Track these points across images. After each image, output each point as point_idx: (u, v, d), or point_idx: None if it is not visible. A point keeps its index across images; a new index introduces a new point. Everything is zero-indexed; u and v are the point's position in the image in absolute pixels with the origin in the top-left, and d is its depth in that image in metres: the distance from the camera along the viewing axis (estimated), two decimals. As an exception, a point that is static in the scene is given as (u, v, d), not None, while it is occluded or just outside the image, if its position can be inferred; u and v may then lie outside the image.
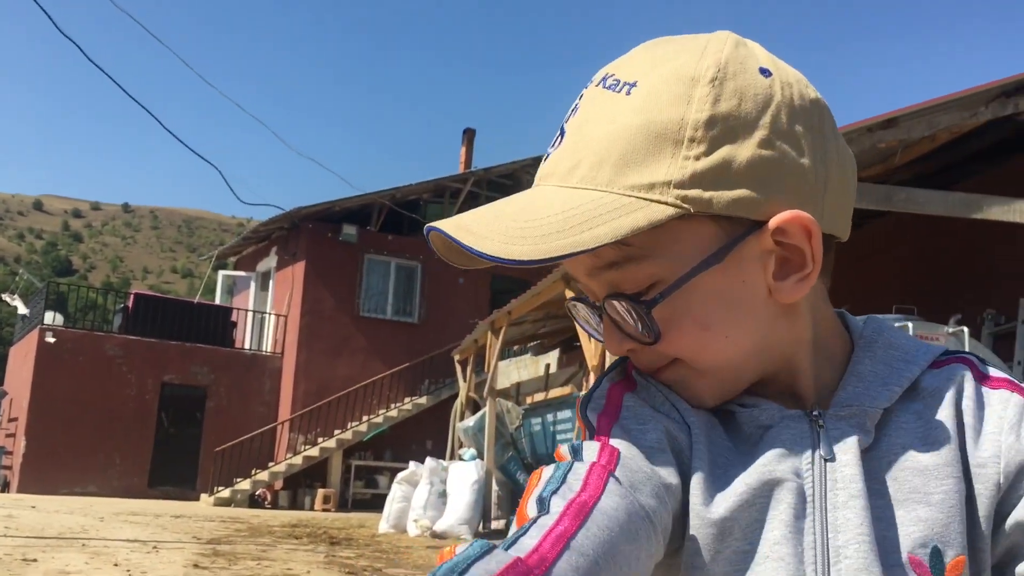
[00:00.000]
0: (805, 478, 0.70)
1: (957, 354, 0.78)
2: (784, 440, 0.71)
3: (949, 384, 0.74)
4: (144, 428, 20.72)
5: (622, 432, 0.69)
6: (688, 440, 0.72)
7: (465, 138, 26.58)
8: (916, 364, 0.75)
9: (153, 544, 9.69)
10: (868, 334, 0.78)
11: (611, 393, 0.74)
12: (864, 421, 0.72)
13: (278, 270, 23.17)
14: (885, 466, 0.71)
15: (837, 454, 0.70)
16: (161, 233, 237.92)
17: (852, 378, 0.74)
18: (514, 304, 13.55)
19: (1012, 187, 7.70)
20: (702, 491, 0.70)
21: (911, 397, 0.74)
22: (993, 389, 0.74)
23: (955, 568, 0.68)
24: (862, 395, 0.73)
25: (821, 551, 0.68)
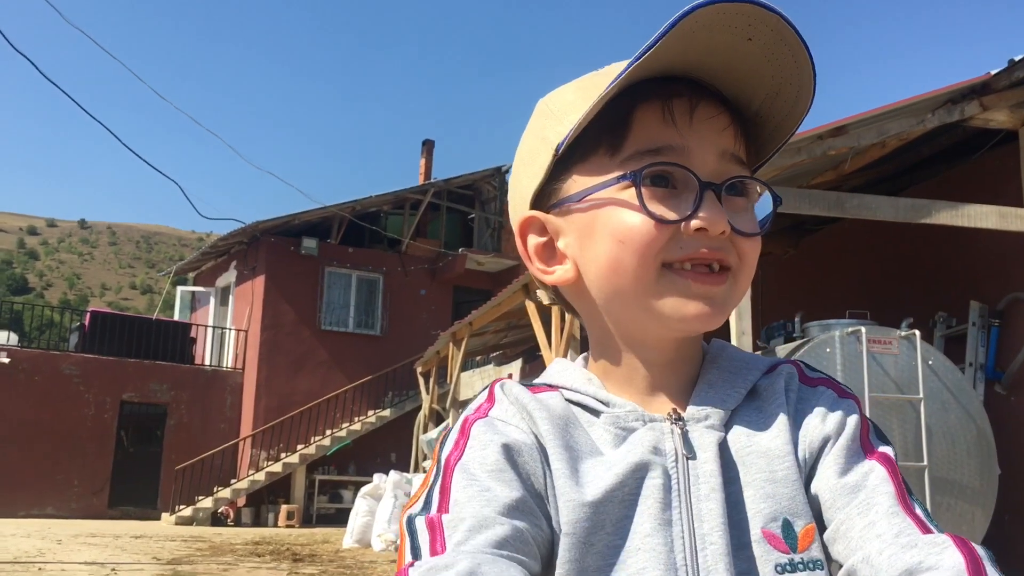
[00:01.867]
0: (671, 475, 0.77)
1: (786, 361, 0.88)
2: (648, 441, 0.78)
3: (779, 381, 0.84)
4: (103, 448, 20.37)
5: (463, 472, 0.75)
6: (536, 444, 0.78)
7: (424, 149, 26.56)
8: (756, 370, 0.85)
9: (112, 566, 9.54)
10: (713, 349, 0.88)
11: (464, 426, 0.80)
12: (716, 422, 0.80)
13: (238, 285, 22.95)
14: (734, 455, 0.79)
15: (697, 452, 0.78)
16: (119, 249, 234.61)
17: (703, 386, 0.83)
18: (475, 315, 13.54)
19: (960, 191, 7.86)
20: (568, 480, 0.76)
21: (751, 398, 0.84)
22: (812, 387, 0.85)
23: (807, 536, 0.76)
24: (713, 399, 0.82)
25: (689, 540, 0.75)
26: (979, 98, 7.44)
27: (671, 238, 0.77)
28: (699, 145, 0.77)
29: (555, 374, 0.88)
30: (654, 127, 0.78)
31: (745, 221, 0.79)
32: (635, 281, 0.79)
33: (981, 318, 8.02)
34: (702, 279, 0.78)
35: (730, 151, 0.79)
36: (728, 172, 0.78)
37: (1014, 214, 7.32)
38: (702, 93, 0.79)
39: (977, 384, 7.79)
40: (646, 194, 0.77)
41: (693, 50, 0.74)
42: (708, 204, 0.76)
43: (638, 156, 0.78)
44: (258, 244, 21.90)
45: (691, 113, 0.78)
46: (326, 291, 22.26)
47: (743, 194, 0.80)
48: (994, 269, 8.01)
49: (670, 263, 0.78)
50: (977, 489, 6.81)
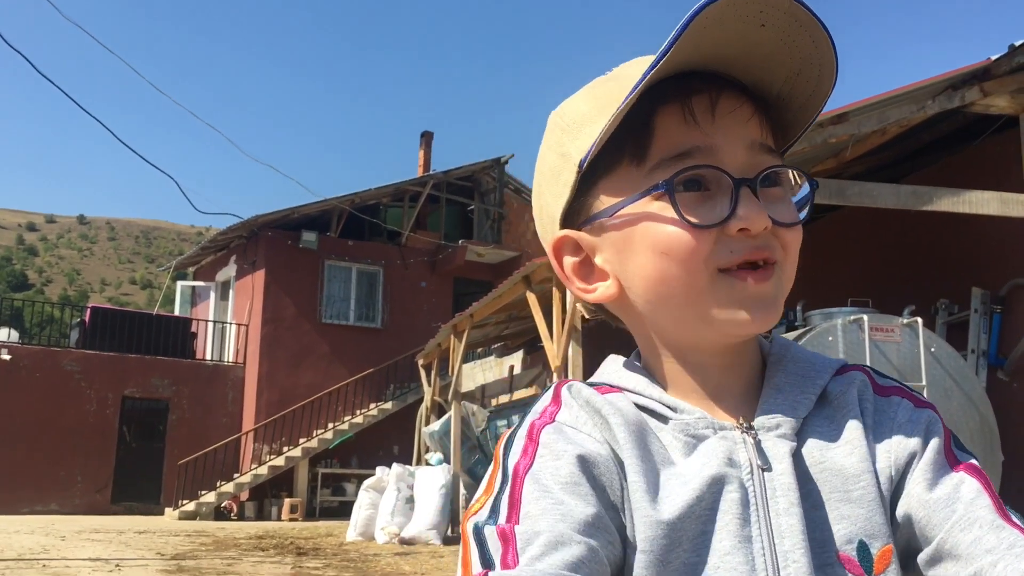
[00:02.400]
0: (748, 488, 0.74)
1: (855, 365, 0.84)
2: (722, 451, 0.75)
3: (851, 389, 0.80)
4: (105, 443, 20.39)
5: (534, 482, 0.72)
6: (611, 455, 0.74)
7: (423, 141, 26.51)
8: (824, 374, 0.81)
9: (116, 562, 9.54)
10: (776, 350, 0.83)
11: (531, 432, 0.76)
12: (788, 431, 0.76)
13: (238, 279, 22.93)
14: (808, 470, 0.76)
15: (772, 464, 0.75)
16: (118, 244, 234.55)
17: (771, 391, 0.79)
18: (476, 307, 13.53)
19: (961, 177, 7.84)
20: (645, 495, 0.72)
21: (821, 405, 0.80)
22: (886, 396, 0.81)
23: (883, 558, 0.73)
24: (783, 406, 0.78)
25: (770, 557, 0.72)
26: (980, 84, 7.42)
27: (716, 242, 0.74)
28: (726, 141, 0.75)
29: (614, 374, 0.84)
30: (677, 130, 0.75)
31: (784, 211, 0.76)
32: (687, 290, 0.76)
33: (983, 305, 8.00)
34: (757, 278, 0.74)
35: (758, 141, 0.76)
36: (760, 164, 0.75)
37: (1015, 200, 7.30)
38: (721, 85, 0.76)
39: (980, 371, 7.78)
40: (681, 202, 0.74)
41: (706, 44, 0.72)
42: (745, 202, 0.73)
43: (665, 163, 0.75)
44: (257, 238, 21.87)
45: (712, 109, 0.75)
46: (326, 284, 22.24)
47: (778, 183, 0.77)
48: (995, 255, 7.99)
49: (725, 268, 0.74)
50: (981, 476, 6.80)
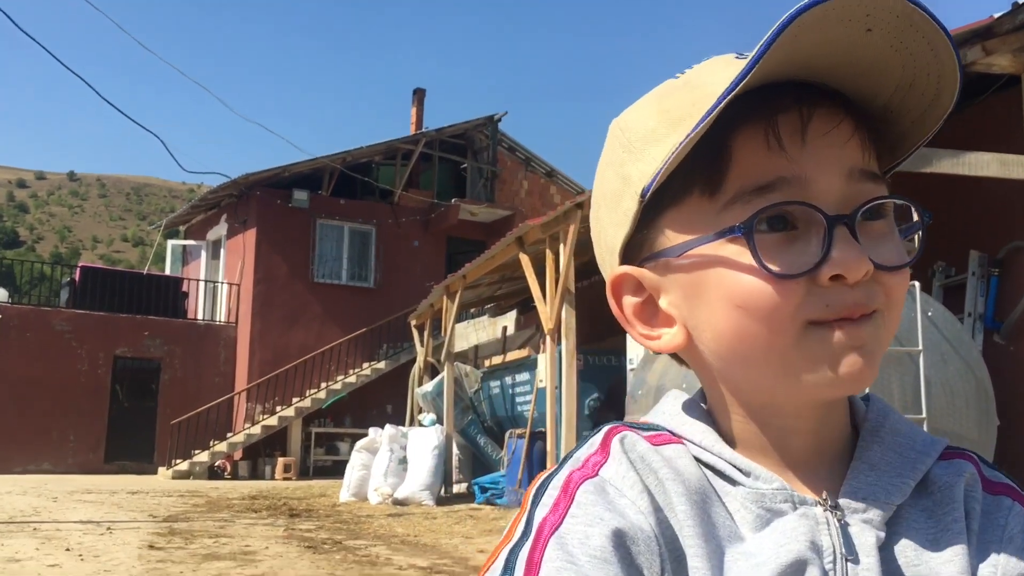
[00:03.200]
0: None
1: (961, 450, 0.72)
2: (803, 533, 0.63)
3: (958, 482, 0.68)
4: (98, 403, 20.38)
5: (559, 546, 0.60)
6: (659, 530, 0.62)
7: (416, 98, 26.20)
8: (928, 456, 0.68)
9: (107, 525, 9.53)
10: (874, 416, 0.70)
11: (568, 484, 0.64)
12: (878, 518, 0.64)
13: (229, 238, 22.78)
14: (896, 570, 0.64)
15: (860, 555, 0.63)
16: (109, 202, 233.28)
17: (864, 466, 0.67)
18: (469, 268, 13.44)
19: (960, 138, 7.71)
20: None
21: (919, 493, 0.67)
22: (994, 495, 0.69)
23: None
24: (875, 487, 0.66)
25: None
26: (982, 42, 7.26)
27: (807, 292, 0.61)
28: (819, 170, 0.62)
29: (675, 418, 0.71)
30: (758, 157, 0.62)
31: (888, 252, 0.63)
32: (768, 349, 0.63)
33: (981, 267, 7.93)
34: (850, 329, 0.61)
35: (859, 167, 0.63)
36: (860, 195, 0.62)
37: (1016, 161, 7.18)
38: (814, 100, 0.63)
39: (976, 334, 7.73)
40: (762, 246, 0.61)
41: (802, 50, 0.59)
42: (840, 243, 0.60)
43: (744, 198, 0.62)
44: (248, 197, 21.69)
45: (803, 132, 0.62)
46: (318, 243, 22.11)
47: (881, 215, 0.64)
48: (994, 218, 7.90)
49: (817, 321, 0.62)
50: (976, 440, 6.77)
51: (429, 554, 7.73)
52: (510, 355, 14.51)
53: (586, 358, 11.53)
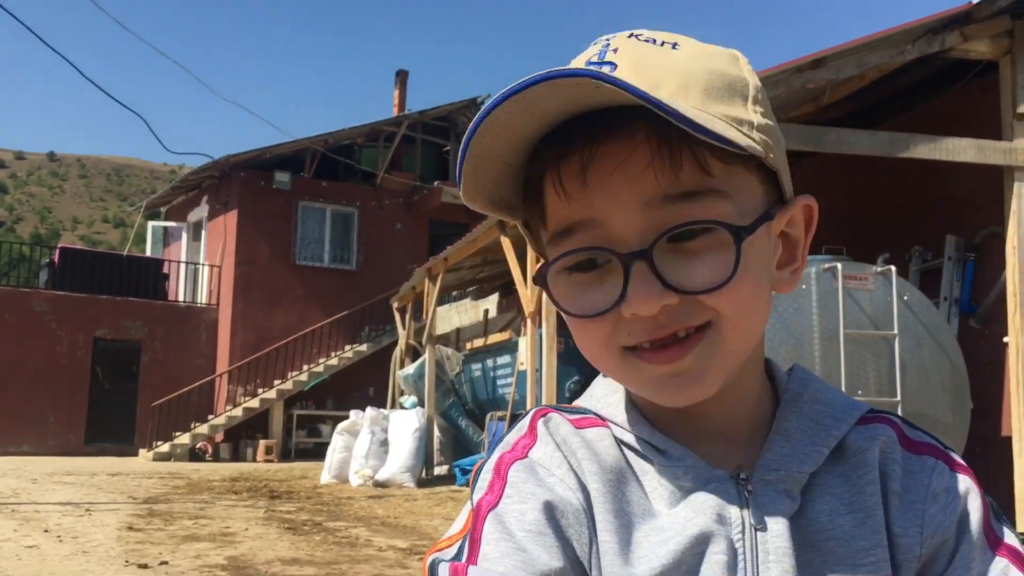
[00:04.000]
0: (737, 550, 0.64)
1: (881, 413, 0.74)
2: (711, 506, 0.65)
3: (874, 446, 0.70)
4: (78, 385, 20.28)
5: (496, 522, 0.65)
6: (585, 505, 0.66)
7: (398, 80, 26.08)
8: (844, 422, 0.71)
9: (86, 507, 9.51)
10: (794, 386, 0.73)
11: (499, 466, 0.69)
12: (791, 486, 0.67)
13: (210, 220, 22.66)
14: (812, 535, 0.66)
15: (768, 523, 0.65)
16: (90, 182, 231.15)
17: (778, 436, 0.69)
18: (450, 251, 13.43)
19: (938, 124, 7.77)
20: (617, 556, 0.64)
21: (836, 458, 0.70)
22: (917, 455, 0.71)
23: None
24: (789, 457, 0.68)
25: None
26: (960, 28, 7.31)
27: (615, 324, 0.64)
28: (612, 207, 0.63)
29: (601, 400, 0.74)
30: (555, 203, 0.65)
31: (701, 273, 0.62)
32: (604, 367, 0.69)
33: (957, 252, 8.00)
34: (659, 358, 0.64)
35: (658, 195, 0.62)
36: (666, 221, 0.62)
37: (992, 147, 7.25)
38: (605, 133, 0.63)
39: (952, 319, 7.81)
40: (565, 289, 0.66)
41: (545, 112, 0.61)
42: (636, 281, 0.62)
43: (555, 240, 0.66)
44: (229, 178, 21.56)
45: (583, 174, 0.63)
46: (300, 226, 22.02)
47: (700, 233, 0.63)
48: (971, 203, 7.96)
49: (630, 347, 0.65)
50: (949, 423, 6.86)
51: (409, 535, 7.77)
52: (491, 338, 14.55)
53: (566, 341, 11.55)
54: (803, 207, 0.72)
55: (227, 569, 6.00)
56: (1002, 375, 7.33)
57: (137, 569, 5.95)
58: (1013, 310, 7.15)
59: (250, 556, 6.55)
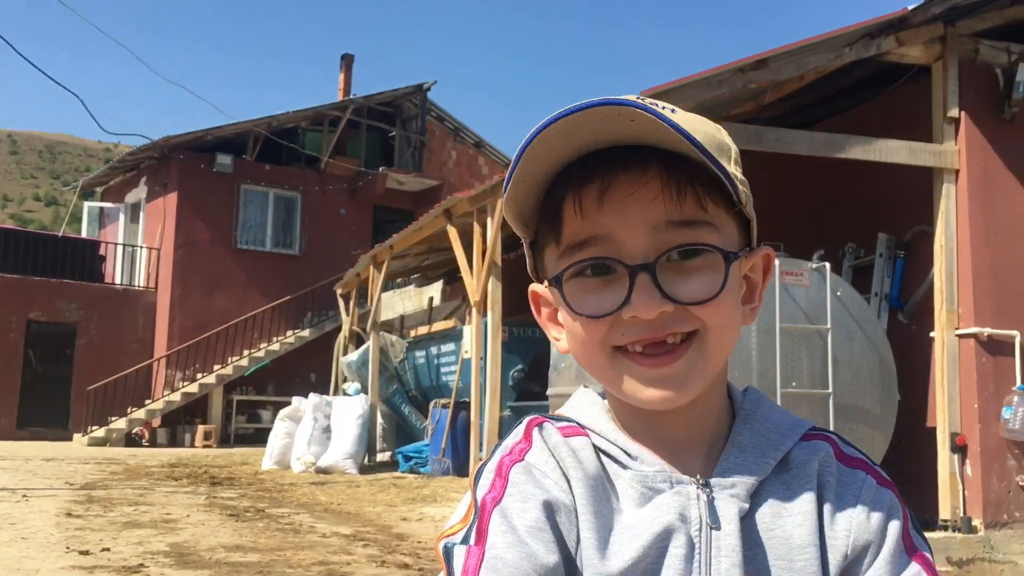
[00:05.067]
0: (695, 544, 0.76)
1: (821, 431, 0.86)
2: (675, 507, 0.77)
3: (813, 459, 0.81)
4: (9, 367, 19.82)
5: (501, 517, 0.75)
6: (574, 505, 0.77)
7: (343, 64, 25.86)
8: (789, 438, 0.82)
9: (23, 492, 9.37)
10: (748, 406, 0.85)
11: (500, 467, 0.79)
12: (743, 492, 0.78)
13: (149, 201, 22.26)
14: (757, 534, 0.78)
15: (721, 523, 0.77)
16: (21, 159, 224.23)
17: (734, 448, 0.81)
18: (396, 238, 13.44)
19: (872, 125, 8.02)
20: (596, 552, 0.75)
21: (781, 468, 0.81)
22: (850, 468, 0.82)
23: None
24: (742, 467, 0.80)
25: None
26: (895, 33, 7.56)
27: (611, 326, 0.77)
28: (625, 226, 0.76)
29: (582, 411, 0.86)
30: (574, 219, 0.77)
31: (695, 288, 0.76)
32: (592, 369, 0.80)
33: (888, 249, 8.28)
34: (650, 362, 0.76)
35: (664, 220, 0.75)
36: (668, 243, 0.76)
37: (923, 149, 7.53)
38: (622, 166, 0.76)
39: (882, 314, 8.09)
40: (576, 291, 0.78)
41: (578, 142, 0.75)
42: (639, 289, 0.75)
43: (569, 251, 0.78)
44: (169, 160, 21.21)
45: (601, 197, 0.76)
46: (242, 209, 21.77)
47: (697, 254, 0.77)
48: (902, 202, 8.24)
49: (620, 347, 0.77)
50: (878, 415, 7.13)
51: (352, 522, 7.83)
52: (436, 325, 14.60)
53: (511, 330, 11.69)
54: (763, 255, 0.85)
55: (170, 556, 6.00)
56: (928, 369, 7.64)
57: (79, 555, 5.92)
58: (939, 306, 7.45)
59: (193, 543, 6.55)
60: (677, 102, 6.74)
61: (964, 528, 7.01)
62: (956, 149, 7.55)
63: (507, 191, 0.78)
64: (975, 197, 7.51)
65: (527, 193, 0.79)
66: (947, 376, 7.31)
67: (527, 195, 0.79)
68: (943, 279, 7.43)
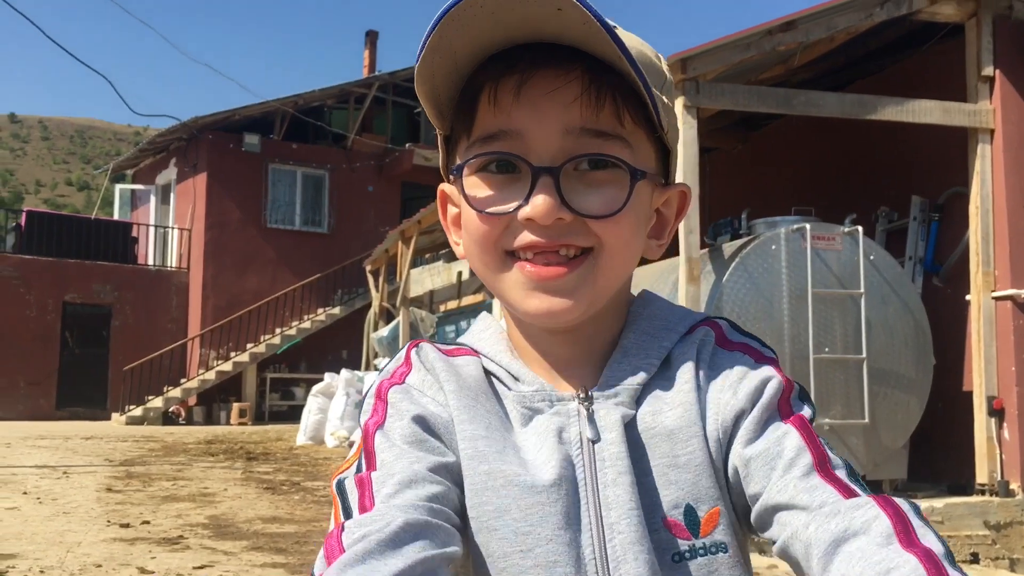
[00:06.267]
0: (576, 463, 0.74)
1: (711, 319, 0.83)
2: (552, 427, 0.76)
3: (692, 349, 0.79)
4: (48, 349, 20.14)
5: (384, 436, 0.75)
6: (449, 417, 0.76)
7: (368, 41, 25.81)
8: (674, 332, 0.80)
9: (63, 469, 9.54)
10: (636, 308, 0.83)
11: (380, 391, 0.79)
12: (626, 398, 0.76)
13: (179, 182, 22.43)
14: (641, 435, 0.76)
15: (602, 433, 0.75)
16: (52, 144, 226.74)
17: (618, 355, 0.80)
18: (424, 213, 13.45)
19: (904, 86, 7.89)
20: (471, 459, 0.74)
21: (666, 367, 0.79)
22: (729, 351, 0.80)
23: (710, 520, 0.74)
24: (624, 371, 0.78)
25: (597, 530, 0.72)
26: (928, -9, 7.40)
27: (506, 227, 0.74)
28: (537, 125, 0.72)
29: (477, 335, 0.85)
30: (487, 112, 0.74)
31: (596, 201, 0.73)
32: (484, 269, 0.78)
33: (922, 212, 8.16)
34: (538, 270, 0.74)
35: (578, 126, 0.72)
36: (578, 150, 0.73)
37: (957, 109, 7.38)
38: (545, 62, 0.72)
39: (916, 278, 7.98)
40: (476, 186, 0.75)
41: (500, 28, 0.70)
42: (540, 191, 0.71)
43: (477, 144, 0.75)
44: (198, 140, 21.33)
45: (518, 92, 0.72)
46: (271, 188, 21.87)
47: (605, 167, 0.74)
48: (935, 164, 8.11)
49: (511, 251, 0.75)
50: (912, 379, 7.05)
51: (386, 493, 7.89)
52: (465, 300, 14.63)
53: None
54: (679, 193, 0.82)
55: (209, 527, 6.09)
56: (964, 332, 7.53)
57: (119, 528, 6.02)
58: (975, 269, 7.33)
59: (231, 515, 6.65)
60: (704, 66, 6.67)
61: (1001, 492, 6.93)
62: (991, 108, 7.40)
63: (420, 61, 0.71)
64: (1011, 157, 7.36)
65: (446, 78, 0.74)
66: (983, 339, 7.21)
67: (446, 80, 0.74)
68: (979, 241, 7.31)
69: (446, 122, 0.79)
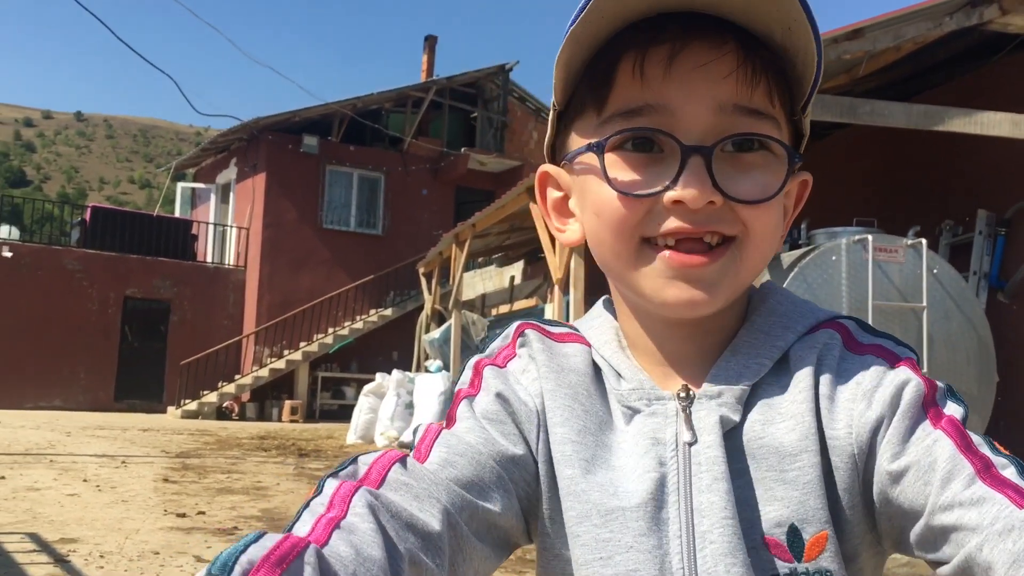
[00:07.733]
0: (669, 467, 0.69)
1: (837, 319, 0.76)
2: (648, 429, 0.72)
3: (812, 353, 0.72)
4: (108, 342, 20.60)
5: (468, 405, 0.74)
6: (540, 408, 0.74)
7: (427, 45, 26.01)
8: (791, 331, 0.74)
9: (122, 459, 9.75)
10: (755, 300, 0.77)
11: (478, 366, 0.79)
12: (731, 399, 0.71)
13: (238, 182, 22.81)
14: (746, 444, 0.70)
15: (700, 435, 0.70)
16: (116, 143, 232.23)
17: (727, 352, 0.74)
18: (479, 217, 13.50)
19: (972, 97, 7.74)
20: (566, 459, 0.71)
21: (781, 368, 0.72)
22: (860, 355, 0.72)
23: (816, 544, 0.67)
24: (732, 372, 0.72)
25: (687, 538, 0.67)
26: (999, 1, 7.25)
27: (648, 211, 0.68)
28: (686, 100, 0.66)
29: (588, 322, 0.82)
30: (631, 83, 0.68)
31: (748, 185, 0.67)
32: (615, 258, 0.72)
33: (988, 227, 7.99)
34: (681, 258, 0.68)
35: (731, 103, 0.67)
36: (731, 128, 0.67)
37: (1028, 122, 7.22)
38: (696, 34, 0.66)
39: (980, 293, 7.82)
40: (614, 165, 0.69)
41: None
42: (690, 172, 0.66)
43: (615, 119, 0.68)
44: (258, 141, 21.68)
45: (668, 64, 0.66)
46: (327, 189, 22.14)
47: (756, 149, 0.68)
48: (1003, 177, 7.94)
49: (649, 238, 0.69)
50: (975, 396, 6.90)
51: (436, 494, 7.92)
52: (517, 304, 14.65)
53: (593, 308, 11.63)
54: (801, 181, 0.77)
55: (262, 520, 6.18)
56: (1029, 350, 7.36)
57: (176, 518, 6.14)
58: (1043, 285, 7.16)
59: (283, 509, 6.73)
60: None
61: (1066, 515, 6.75)
62: (1063, 121, 7.22)
63: (573, 27, 0.66)
64: (1083, 171, 7.18)
65: (582, 51, 0.69)
66: (1050, 358, 7.03)
67: (582, 53, 0.69)
68: (1047, 257, 7.14)
69: (565, 98, 0.74)
